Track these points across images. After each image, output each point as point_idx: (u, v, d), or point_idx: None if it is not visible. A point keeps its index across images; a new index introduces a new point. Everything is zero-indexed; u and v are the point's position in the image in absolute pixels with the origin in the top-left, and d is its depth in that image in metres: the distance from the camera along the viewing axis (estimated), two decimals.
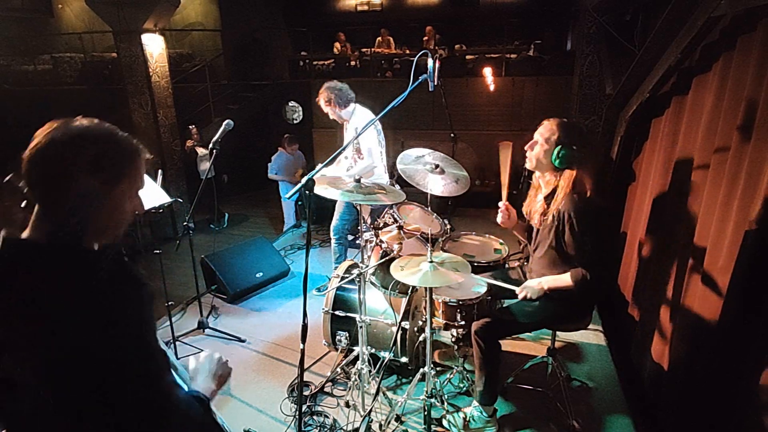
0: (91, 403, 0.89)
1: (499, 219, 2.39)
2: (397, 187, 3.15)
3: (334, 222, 3.70)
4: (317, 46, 9.87)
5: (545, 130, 2.15)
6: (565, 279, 2.14)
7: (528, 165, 2.23)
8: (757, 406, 1.73)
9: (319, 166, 1.83)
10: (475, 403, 2.42)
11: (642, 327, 2.88)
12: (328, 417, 2.51)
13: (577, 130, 2.16)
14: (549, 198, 2.19)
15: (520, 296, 2.25)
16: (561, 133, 2.10)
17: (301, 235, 5.49)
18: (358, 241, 2.90)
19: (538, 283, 2.23)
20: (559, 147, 2.08)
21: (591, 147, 2.20)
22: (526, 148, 2.21)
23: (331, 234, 3.73)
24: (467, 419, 2.41)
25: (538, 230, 2.30)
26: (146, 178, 1.06)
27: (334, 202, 3.40)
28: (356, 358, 2.59)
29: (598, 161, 3.80)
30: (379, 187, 2.40)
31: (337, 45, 9.97)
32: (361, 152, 3.45)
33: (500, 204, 2.39)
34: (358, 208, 2.73)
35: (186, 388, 1.17)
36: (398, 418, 2.40)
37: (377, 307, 2.75)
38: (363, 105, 3.49)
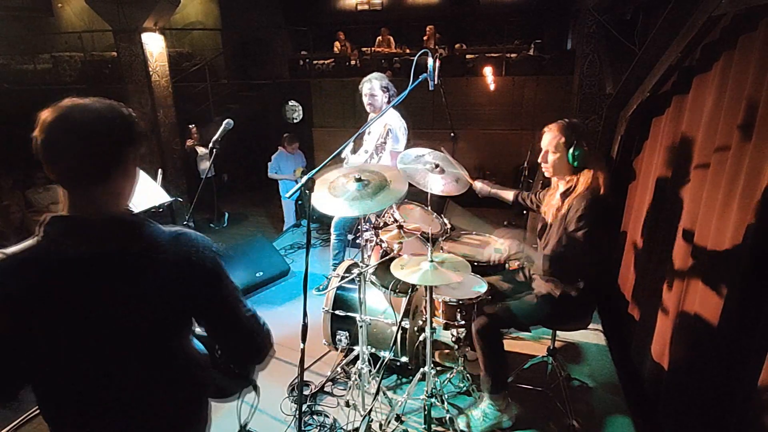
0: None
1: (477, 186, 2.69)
2: None
3: (337, 217, 3.68)
4: (317, 45, 9.87)
5: (551, 138, 2.14)
6: (537, 261, 2.16)
7: (546, 174, 2.23)
8: (757, 406, 1.72)
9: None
10: (486, 400, 2.41)
11: (642, 327, 2.88)
12: (328, 416, 2.51)
13: (579, 127, 2.15)
14: (565, 195, 2.17)
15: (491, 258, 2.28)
16: (566, 134, 2.10)
17: (302, 234, 5.48)
18: (358, 241, 2.90)
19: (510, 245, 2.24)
20: (572, 148, 2.07)
21: (591, 143, 2.20)
22: (539, 161, 2.20)
23: (332, 229, 3.72)
24: (480, 417, 2.40)
25: (549, 226, 2.29)
26: (146, 177, 1.10)
27: None
28: (356, 357, 2.59)
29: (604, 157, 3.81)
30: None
31: (337, 44, 9.97)
32: (383, 150, 3.44)
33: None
34: None
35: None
36: (398, 418, 2.39)
37: (377, 306, 2.75)
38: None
